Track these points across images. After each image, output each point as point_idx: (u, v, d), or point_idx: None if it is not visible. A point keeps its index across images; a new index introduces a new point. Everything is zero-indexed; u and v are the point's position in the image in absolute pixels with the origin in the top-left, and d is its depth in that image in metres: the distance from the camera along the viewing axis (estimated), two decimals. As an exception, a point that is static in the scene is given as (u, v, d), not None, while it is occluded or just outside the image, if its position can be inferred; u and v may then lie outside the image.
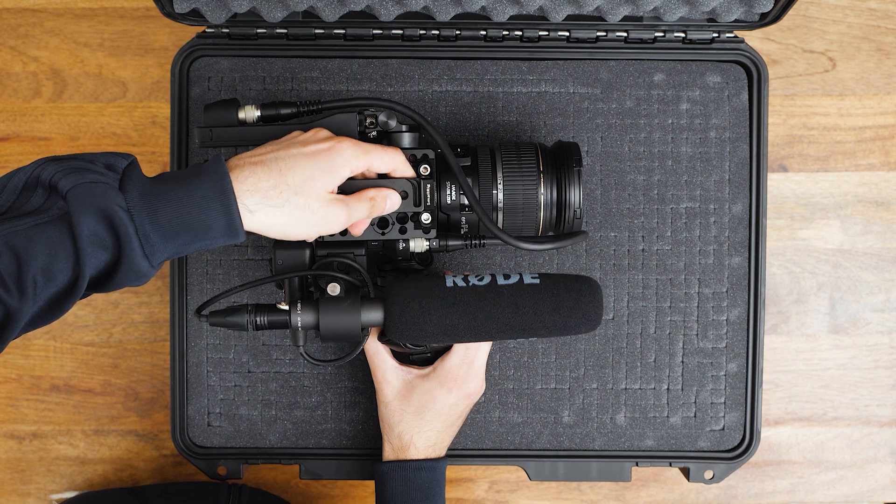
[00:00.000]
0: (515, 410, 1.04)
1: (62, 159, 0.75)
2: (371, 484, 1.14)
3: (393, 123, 0.88)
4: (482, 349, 0.94)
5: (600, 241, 1.04)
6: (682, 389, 1.04)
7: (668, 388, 1.04)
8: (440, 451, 0.95)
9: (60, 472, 1.14)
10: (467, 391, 0.94)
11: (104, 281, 0.74)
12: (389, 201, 0.86)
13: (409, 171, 0.87)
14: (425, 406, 0.93)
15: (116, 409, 1.14)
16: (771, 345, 1.14)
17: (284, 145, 0.82)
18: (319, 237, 0.87)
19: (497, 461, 1.04)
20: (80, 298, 0.75)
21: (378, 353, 0.94)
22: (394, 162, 0.86)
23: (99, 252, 0.72)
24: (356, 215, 0.84)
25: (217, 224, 0.75)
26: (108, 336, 1.14)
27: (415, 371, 0.94)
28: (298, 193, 0.79)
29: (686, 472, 1.04)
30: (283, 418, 1.04)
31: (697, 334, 1.04)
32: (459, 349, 0.93)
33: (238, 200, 0.76)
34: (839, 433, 1.15)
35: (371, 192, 0.85)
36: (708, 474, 1.04)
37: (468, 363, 0.93)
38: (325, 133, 0.85)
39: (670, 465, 1.04)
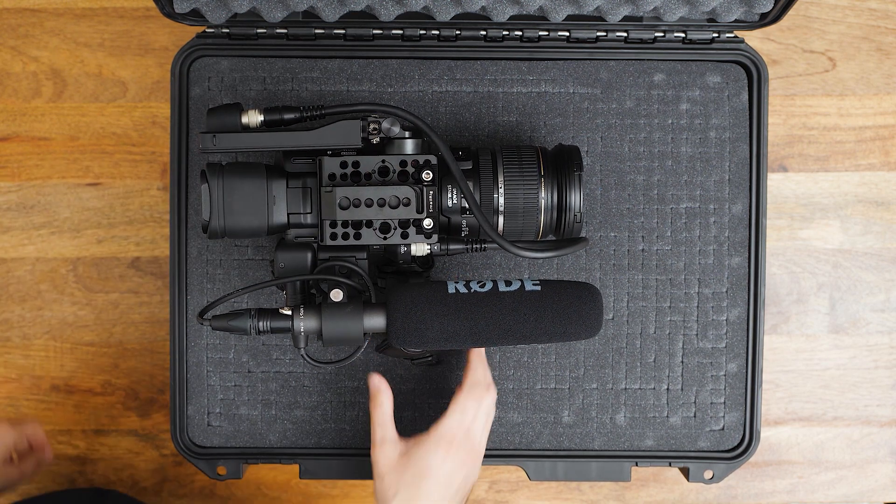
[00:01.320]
0: (515, 410, 1.04)
1: None
2: (371, 484, 1.14)
3: (396, 130, 0.87)
4: (479, 417, 0.91)
5: (600, 242, 1.04)
6: (682, 389, 1.04)
7: (667, 388, 1.04)
8: None
9: (60, 472, 1.14)
10: (462, 457, 0.90)
11: None
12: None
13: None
14: (420, 475, 0.89)
15: (116, 409, 1.14)
16: (771, 345, 1.14)
17: None
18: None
19: (497, 461, 1.04)
20: None
21: (383, 424, 0.91)
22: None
23: None
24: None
25: None
26: (108, 336, 1.14)
27: (412, 440, 0.91)
28: None
29: (686, 472, 1.04)
30: (282, 418, 1.04)
31: (697, 334, 1.04)
32: (456, 412, 0.90)
33: None
34: (839, 433, 1.15)
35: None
36: (708, 474, 1.04)
37: (465, 428, 0.90)
38: None
39: (670, 465, 1.04)
